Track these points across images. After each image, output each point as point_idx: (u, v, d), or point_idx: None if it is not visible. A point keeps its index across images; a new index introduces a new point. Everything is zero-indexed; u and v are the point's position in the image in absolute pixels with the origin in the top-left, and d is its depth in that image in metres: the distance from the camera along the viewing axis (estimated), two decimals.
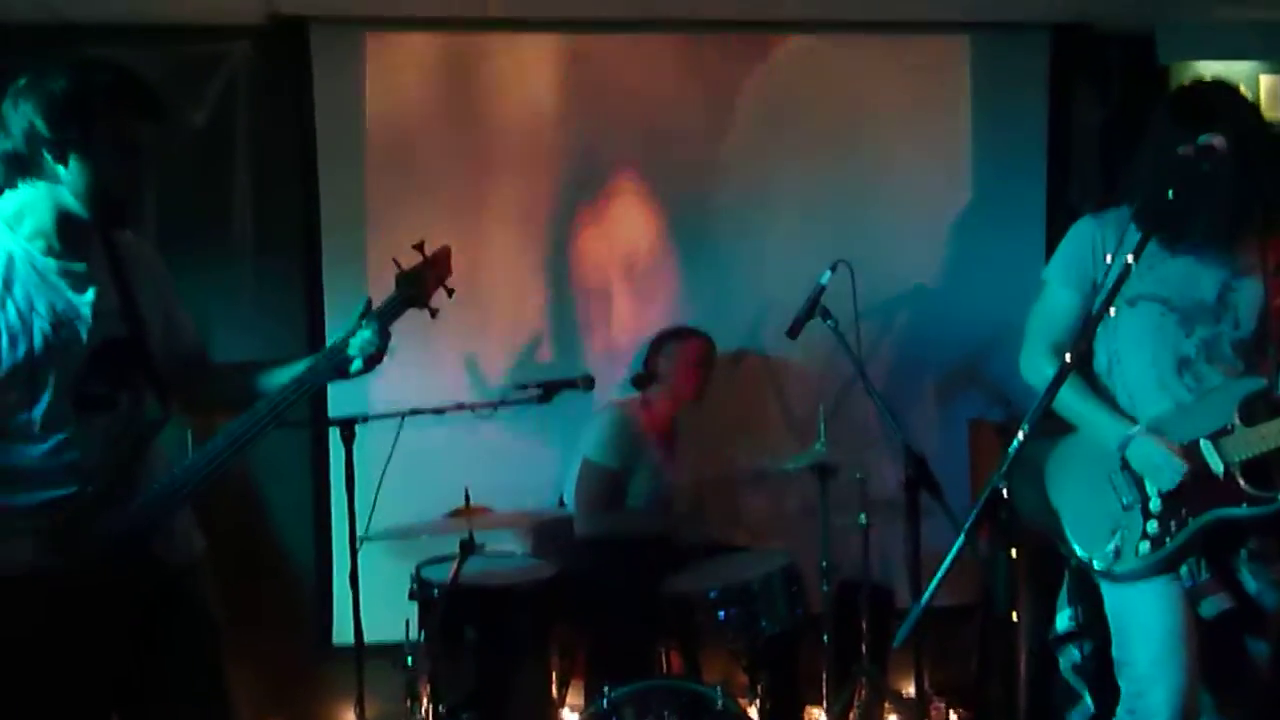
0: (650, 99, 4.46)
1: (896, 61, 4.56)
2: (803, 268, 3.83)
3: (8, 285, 2.17)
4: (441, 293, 2.44)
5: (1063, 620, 3.04)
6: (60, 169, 2.15)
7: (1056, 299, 2.85)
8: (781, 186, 4.54)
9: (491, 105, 4.39)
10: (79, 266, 2.25)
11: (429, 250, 2.43)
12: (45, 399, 2.19)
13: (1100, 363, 2.84)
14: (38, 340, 2.17)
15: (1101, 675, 2.92)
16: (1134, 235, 2.37)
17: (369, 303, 2.36)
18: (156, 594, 2.27)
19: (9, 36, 3.99)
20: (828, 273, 3.74)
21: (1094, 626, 2.93)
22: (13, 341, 2.16)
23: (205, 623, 2.40)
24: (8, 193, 2.21)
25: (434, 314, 2.43)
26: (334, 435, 3.55)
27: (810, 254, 4.05)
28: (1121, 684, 2.77)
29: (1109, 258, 2.49)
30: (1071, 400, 2.76)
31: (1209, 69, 4.51)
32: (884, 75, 4.55)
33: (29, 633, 2.14)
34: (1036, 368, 2.84)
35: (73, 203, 2.18)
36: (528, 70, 4.40)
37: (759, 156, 4.53)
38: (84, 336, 2.22)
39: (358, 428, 3.45)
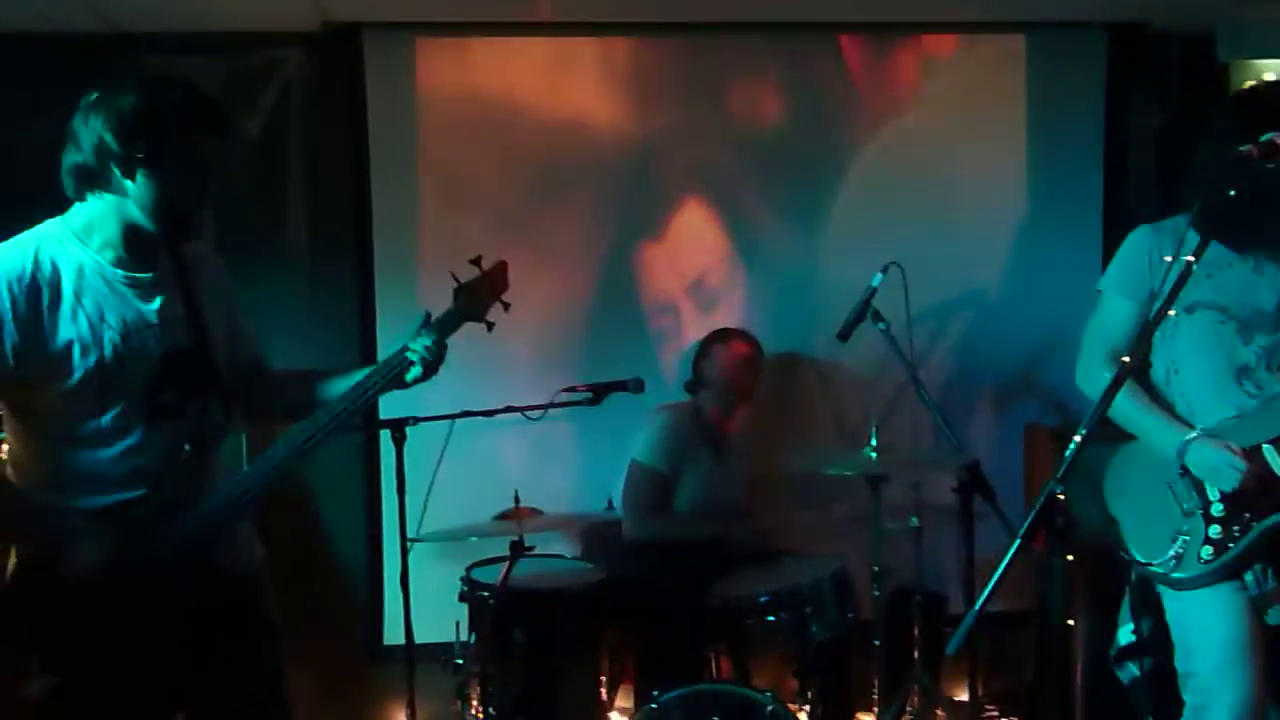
0: (704, 102, 4.46)
1: (952, 63, 4.52)
2: (854, 270, 3.80)
3: (78, 296, 2.20)
4: (498, 306, 2.51)
5: (1124, 634, 2.99)
6: (128, 183, 2.18)
7: (1113, 309, 2.81)
8: (835, 189, 4.51)
9: (544, 109, 4.40)
10: (146, 276, 2.28)
11: (486, 265, 2.49)
12: (115, 407, 2.22)
13: (1158, 372, 2.80)
14: (108, 350, 2.20)
15: (1162, 692, 2.86)
16: (1194, 239, 2.32)
17: (428, 315, 2.40)
18: (218, 599, 2.29)
19: (66, 46, 4.06)
20: (879, 275, 3.71)
21: (1156, 641, 2.87)
22: (84, 351, 2.19)
23: (265, 628, 2.43)
24: (77, 205, 2.25)
25: (490, 327, 2.50)
26: (385, 437, 3.58)
27: (863, 256, 4.02)
28: (1185, 696, 2.72)
29: (1169, 258, 2.44)
30: (1128, 408, 2.72)
31: (1270, 67, 4.44)
32: (940, 76, 4.51)
33: (93, 632, 2.17)
34: (1093, 378, 2.81)
35: (139, 216, 2.22)
36: (580, 74, 4.41)
37: (812, 159, 4.51)
38: (152, 345, 2.25)
39: (408, 430, 3.47)
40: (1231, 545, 2.61)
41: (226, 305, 2.45)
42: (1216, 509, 2.64)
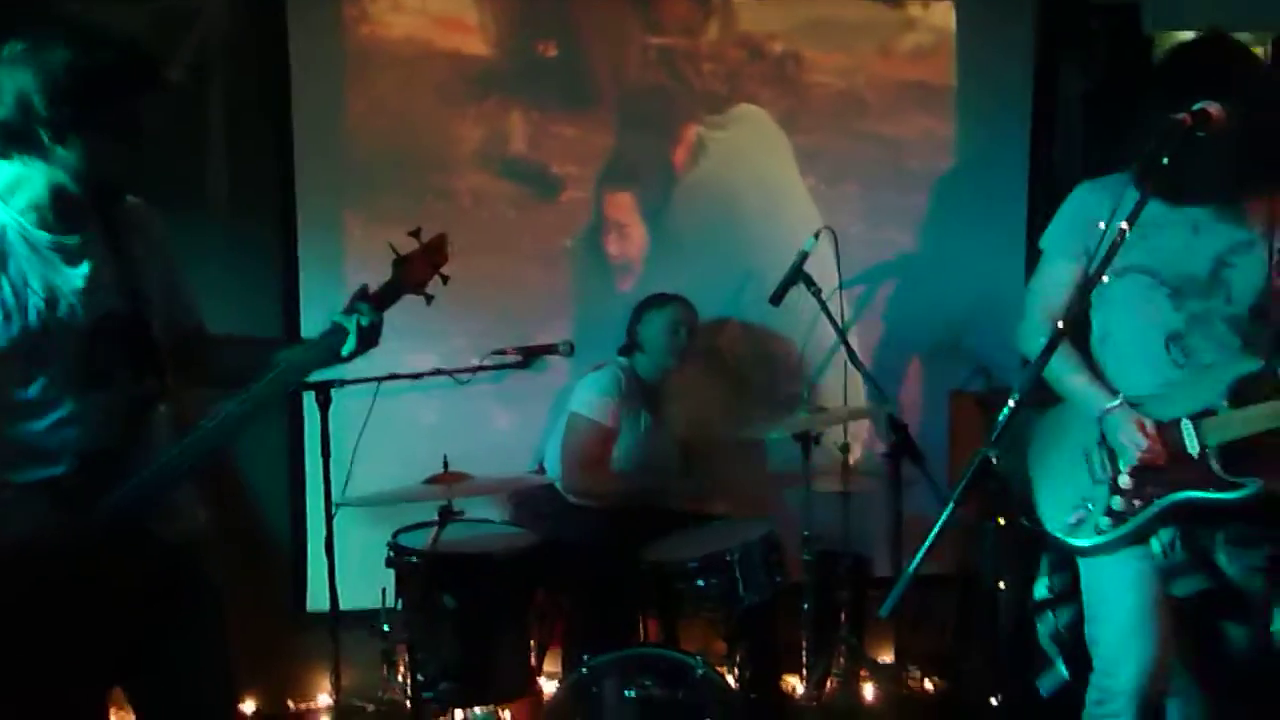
0: (628, 58, 4.39)
1: (881, 27, 4.51)
2: (785, 235, 3.80)
3: (1, 260, 2.10)
4: (436, 279, 2.46)
5: (1040, 588, 3.03)
6: (57, 148, 2.07)
7: (1054, 269, 2.78)
8: (764, 153, 4.48)
9: (472, 57, 4.30)
10: (72, 240, 2.18)
11: (425, 236, 2.43)
12: (43, 376, 2.13)
13: (1095, 334, 2.78)
14: (32, 317, 2.11)
15: (1079, 645, 2.90)
16: (1131, 198, 2.32)
17: (365, 287, 2.34)
18: (154, 569, 2.22)
19: None
20: (811, 240, 3.72)
21: (1072, 596, 2.91)
22: (6, 318, 2.10)
23: (207, 596, 2.37)
24: (1, 163, 2.13)
25: (429, 300, 2.45)
26: (309, 400, 3.50)
27: (793, 221, 4.02)
28: (1094, 661, 2.74)
29: (1103, 225, 2.43)
30: (1059, 370, 2.69)
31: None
32: (868, 41, 4.50)
33: (28, 606, 2.10)
34: (1033, 340, 2.76)
35: (67, 181, 2.11)
36: (507, 25, 4.31)
37: (739, 123, 4.47)
38: (80, 312, 2.16)
39: (333, 392, 3.40)
40: (1130, 518, 2.60)
41: (163, 266, 2.35)
42: (1123, 480, 2.63)
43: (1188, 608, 2.69)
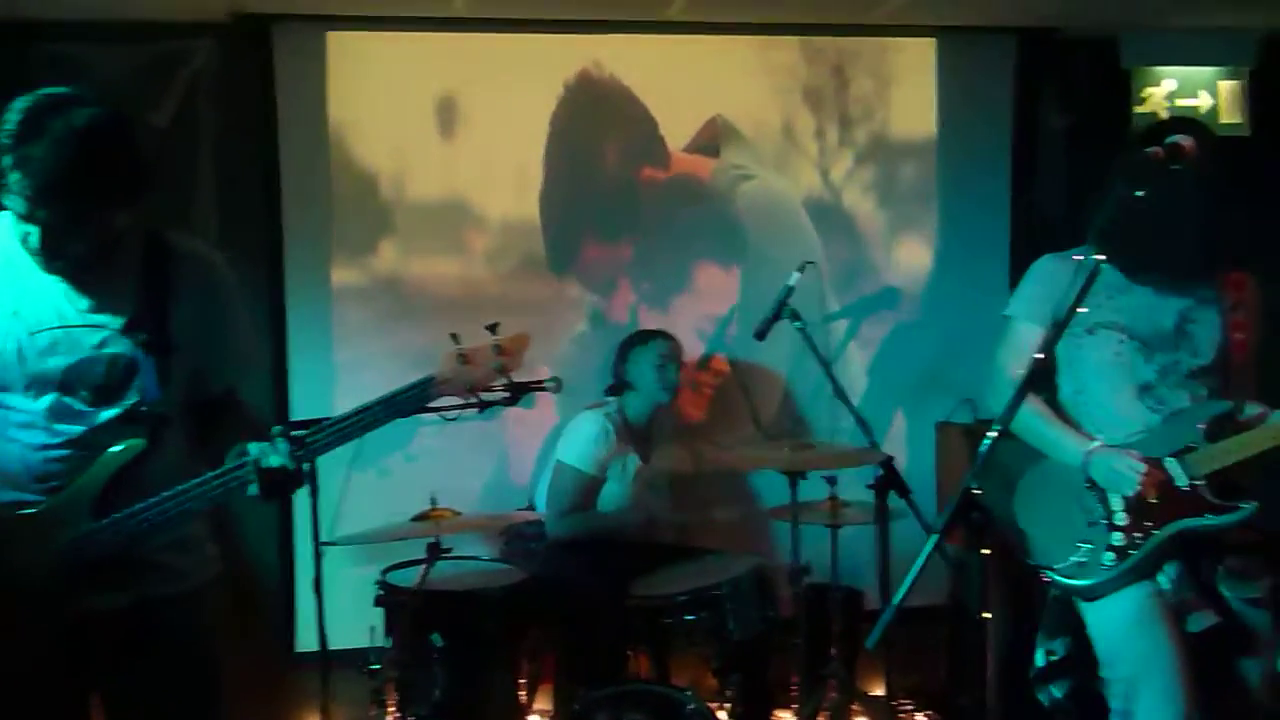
0: (614, 100, 4.44)
1: (863, 65, 4.57)
2: (769, 271, 3.82)
3: (4, 286, 2.10)
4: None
5: (1039, 657, 3.00)
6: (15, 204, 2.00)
7: (1022, 335, 2.82)
8: (748, 189, 4.53)
9: (456, 105, 4.35)
10: (84, 275, 2.12)
11: (504, 335, 2.15)
12: (16, 401, 2.12)
13: (1065, 392, 2.84)
14: (10, 344, 2.09)
15: (1085, 711, 2.88)
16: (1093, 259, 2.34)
17: (288, 426, 2.13)
18: (135, 621, 2.15)
19: None
20: (795, 274, 3.75)
21: (1074, 662, 2.89)
22: None
23: (194, 655, 2.26)
24: None
25: (483, 409, 2.23)
26: None
27: (777, 257, 4.03)
28: (1114, 704, 2.72)
29: (1077, 257, 2.44)
30: (1034, 424, 2.76)
31: (1169, 73, 4.58)
32: (850, 78, 4.56)
33: None
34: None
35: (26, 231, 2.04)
36: (492, 71, 4.36)
37: (723, 159, 4.52)
38: (65, 347, 2.11)
39: None
40: (1133, 552, 2.64)
41: (199, 317, 2.20)
42: (1119, 518, 2.68)
43: (1201, 646, 2.68)
